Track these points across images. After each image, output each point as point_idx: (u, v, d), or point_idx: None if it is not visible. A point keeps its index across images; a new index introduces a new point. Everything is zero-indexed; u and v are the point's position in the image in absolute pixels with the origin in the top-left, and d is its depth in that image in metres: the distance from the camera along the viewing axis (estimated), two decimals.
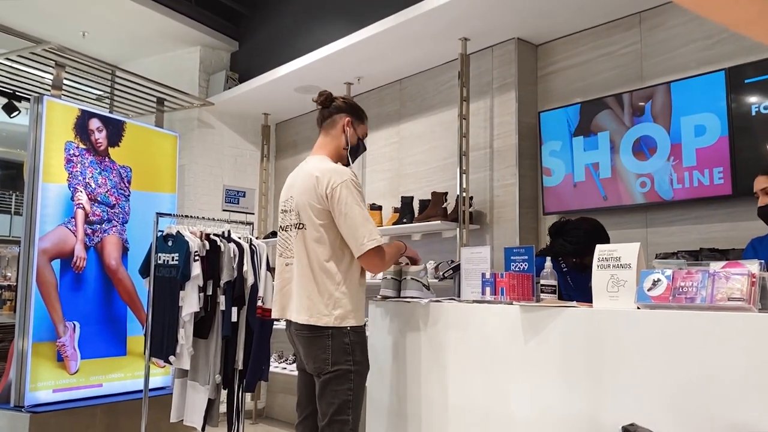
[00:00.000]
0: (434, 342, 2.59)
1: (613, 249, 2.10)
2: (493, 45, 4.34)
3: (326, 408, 2.36)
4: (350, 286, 2.40)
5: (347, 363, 2.35)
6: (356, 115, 2.59)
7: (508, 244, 3.96)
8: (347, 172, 2.42)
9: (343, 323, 2.36)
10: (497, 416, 2.31)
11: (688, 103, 3.41)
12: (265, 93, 5.50)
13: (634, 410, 1.89)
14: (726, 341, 1.73)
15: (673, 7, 3.64)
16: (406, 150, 4.97)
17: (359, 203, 2.37)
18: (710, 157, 3.31)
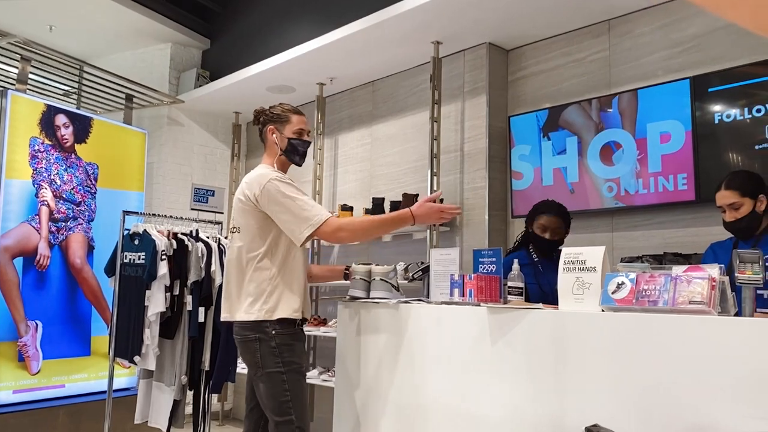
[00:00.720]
0: (402, 343, 2.59)
1: (579, 252, 2.14)
2: (465, 49, 4.37)
3: (268, 411, 2.44)
4: (274, 284, 2.43)
5: (276, 365, 2.40)
6: (278, 120, 2.62)
7: (477, 246, 3.99)
8: (273, 173, 2.48)
9: (263, 317, 2.40)
10: (464, 417, 2.32)
11: (654, 110, 3.48)
12: (237, 92, 5.45)
13: (598, 411, 1.92)
14: (687, 343, 1.77)
15: (640, 16, 3.71)
16: (378, 151, 4.98)
17: (288, 196, 2.40)
18: (675, 164, 3.38)
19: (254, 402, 2.59)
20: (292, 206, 2.40)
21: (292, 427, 2.40)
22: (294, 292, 2.49)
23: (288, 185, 2.44)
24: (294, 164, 2.65)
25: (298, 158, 2.64)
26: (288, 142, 2.60)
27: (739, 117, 3.19)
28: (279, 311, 2.43)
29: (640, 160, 3.51)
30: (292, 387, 2.42)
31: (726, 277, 1.86)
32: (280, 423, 2.40)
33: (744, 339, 1.67)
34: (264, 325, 2.42)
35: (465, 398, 2.33)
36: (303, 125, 2.64)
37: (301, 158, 2.66)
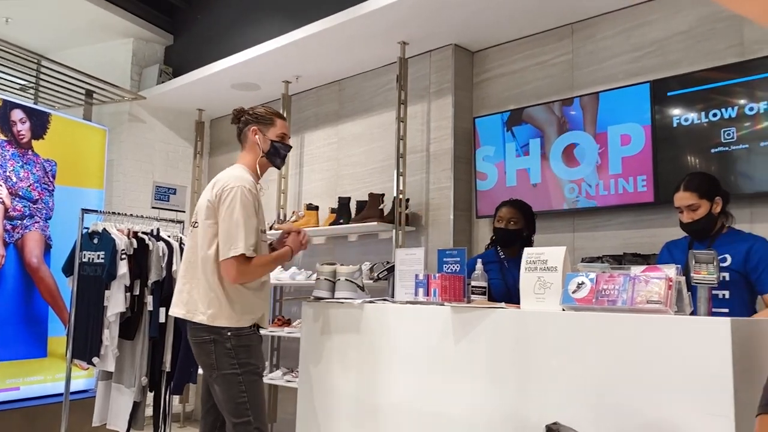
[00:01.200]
0: (367, 342, 2.59)
1: (541, 252, 2.16)
2: (431, 50, 4.39)
3: (226, 413, 2.44)
4: (231, 288, 2.43)
5: (232, 367, 2.39)
6: (262, 122, 2.62)
7: (442, 245, 4.01)
8: (247, 180, 2.48)
9: (215, 323, 2.40)
10: (428, 416, 2.33)
11: (615, 113, 3.55)
12: (200, 88, 5.37)
13: (558, 409, 1.95)
14: (644, 342, 1.81)
15: (603, 20, 3.78)
16: (344, 150, 4.97)
17: (245, 211, 2.40)
18: (634, 166, 3.46)
19: (210, 403, 2.58)
20: (240, 222, 2.38)
21: (250, 428, 2.39)
22: (252, 296, 2.48)
23: (250, 204, 2.43)
24: (274, 167, 2.69)
25: (280, 161, 2.68)
26: (271, 144, 2.62)
27: (697, 121, 3.27)
28: (236, 316, 2.42)
29: (601, 162, 3.58)
30: (249, 388, 2.41)
31: (682, 277, 1.90)
32: (238, 424, 2.39)
33: (699, 337, 1.71)
34: (219, 328, 2.40)
35: (429, 397, 2.33)
36: (286, 129, 2.69)
37: (282, 161, 2.70)
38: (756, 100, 3.08)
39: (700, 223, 2.60)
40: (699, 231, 2.63)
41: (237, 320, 2.43)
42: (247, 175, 2.53)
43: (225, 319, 2.41)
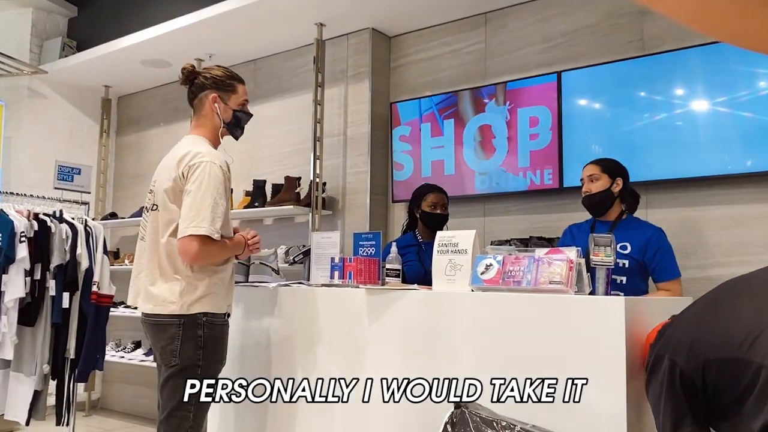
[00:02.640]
0: (282, 326, 2.59)
1: (452, 235, 2.23)
2: (349, 33, 4.38)
3: (167, 401, 2.21)
4: (202, 271, 2.22)
5: (197, 358, 2.19)
6: (222, 88, 2.37)
7: (359, 229, 4.04)
8: (221, 158, 2.25)
9: (191, 310, 2.18)
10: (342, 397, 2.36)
11: (525, 102, 3.68)
12: (107, 64, 5.12)
13: (466, 386, 2.03)
14: (547, 320, 1.91)
15: (515, 11, 3.90)
16: (260, 132, 4.89)
17: (215, 189, 2.16)
18: (542, 154, 3.60)
19: None
20: (211, 202, 2.14)
21: (185, 425, 2.18)
22: (228, 280, 2.31)
23: (222, 185, 2.20)
24: (234, 138, 2.46)
25: (239, 132, 2.45)
26: (233, 114, 2.38)
27: (600, 111, 3.44)
28: (213, 302, 2.22)
29: (511, 149, 3.70)
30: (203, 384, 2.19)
31: (582, 259, 2.01)
32: (174, 416, 2.17)
33: (597, 315, 1.83)
34: (192, 316, 2.19)
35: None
36: (246, 95, 2.44)
37: (242, 132, 2.48)
38: (654, 94, 3.27)
39: (596, 197, 2.73)
40: (595, 205, 2.76)
41: (215, 306, 2.23)
42: (214, 151, 2.29)
43: (202, 305, 2.19)
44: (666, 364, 1.49)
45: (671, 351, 1.48)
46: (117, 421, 5.11)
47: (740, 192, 3.09)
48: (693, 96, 3.17)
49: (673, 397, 1.47)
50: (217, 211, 2.15)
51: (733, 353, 1.33)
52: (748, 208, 3.07)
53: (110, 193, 5.81)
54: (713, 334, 1.40)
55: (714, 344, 1.38)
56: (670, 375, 1.47)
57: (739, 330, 1.35)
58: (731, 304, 1.44)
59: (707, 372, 1.39)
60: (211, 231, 2.12)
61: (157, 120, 5.64)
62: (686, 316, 1.55)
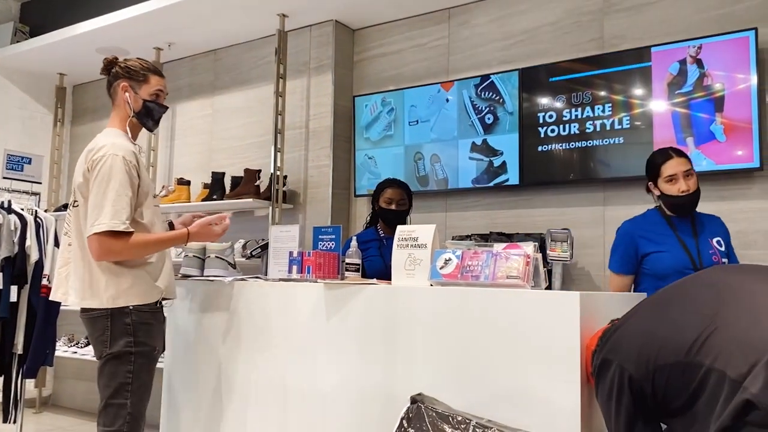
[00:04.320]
0: (238, 321, 2.54)
1: (412, 230, 2.22)
2: (312, 25, 4.33)
3: (103, 391, 2.23)
4: (124, 265, 2.21)
5: (128, 345, 2.19)
6: (134, 77, 2.35)
7: (320, 223, 4.00)
8: (122, 147, 2.22)
9: (116, 303, 2.19)
10: (299, 392, 2.33)
11: (487, 99, 3.69)
12: (62, 51, 4.96)
13: (424, 381, 2.02)
14: (504, 314, 1.91)
15: (477, 7, 3.90)
16: (220, 124, 4.80)
17: (117, 182, 2.15)
18: (505, 150, 3.61)
19: None
20: (113, 196, 2.13)
21: (122, 412, 2.18)
22: (154, 267, 2.27)
23: (125, 173, 2.17)
24: (146, 129, 2.42)
25: (152, 123, 2.41)
26: (143, 104, 2.35)
27: (561, 108, 3.47)
28: (138, 292, 2.22)
29: (473, 144, 3.71)
30: (137, 371, 2.21)
31: (539, 254, 2.02)
32: (111, 405, 2.18)
33: (553, 310, 1.83)
34: (118, 307, 2.19)
35: (300, 374, 2.34)
36: (162, 86, 2.40)
37: (155, 123, 2.43)
38: (614, 92, 3.32)
39: (697, 193, 2.44)
40: (694, 203, 2.46)
41: (142, 296, 2.22)
42: (123, 140, 2.27)
43: (127, 297, 2.19)
44: (615, 369, 1.51)
45: (620, 357, 1.50)
46: (69, 418, 4.97)
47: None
48: (650, 95, 3.22)
49: (624, 401, 1.49)
50: (119, 203, 2.14)
51: (682, 358, 1.35)
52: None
53: (64, 184, 5.64)
54: (660, 341, 1.43)
55: (662, 351, 1.41)
56: (619, 380, 1.49)
57: (685, 336, 1.37)
58: (672, 310, 1.47)
59: (657, 378, 1.41)
60: (112, 225, 2.11)
61: None
62: (632, 323, 1.57)
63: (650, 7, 3.35)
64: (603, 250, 3.30)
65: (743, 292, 1.40)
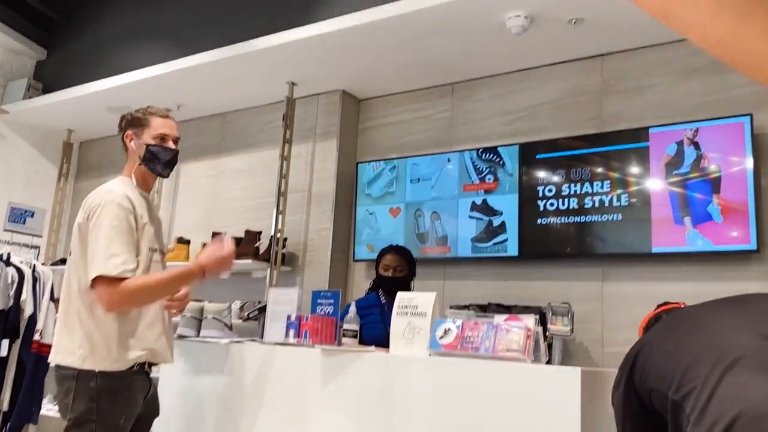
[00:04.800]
0: (233, 384, 2.50)
1: (412, 297, 2.22)
2: (320, 93, 4.45)
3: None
4: (102, 323, 2.07)
5: (89, 412, 2.01)
6: (136, 124, 2.29)
7: (318, 287, 3.98)
8: (117, 194, 2.15)
9: (84, 365, 2.04)
10: None
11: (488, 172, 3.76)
12: (72, 108, 5.07)
13: None
14: (503, 388, 1.89)
15: (480, 83, 4.03)
16: (223, 184, 4.86)
17: (113, 226, 2.06)
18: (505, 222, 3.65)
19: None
20: (105, 242, 2.04)
21: None
22: (131, 329, 2.12)
23: (119, 221, 2.07)
24: (157, 175, 2.31)
25: (161, 167, 2.28)
26: (146, 149, 2.24)
27: (559, 184, 3.54)
28: (109, 356, 2.06)
29: (473, 216, 3.75)
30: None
31: (540, 327, 2.02)
32: None
33: (553, 385, 1.82)
34: (85, 371, 2.04)
35: None
36: (167, 129, 2.28)
37: (165, 167, 2.29)
38: (611, 170, 3.39)
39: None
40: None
41: (112, 361, 2.06)
42: (120, 188, 2.20)
43: (95, 360, 2.04)
44: (627, 371, 1.48)
45: (631, 363, 1.47)
46: None
47: (695, 270, 3.17)
48: (647, 174, 3.28)
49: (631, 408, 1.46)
50: (112, 248, 2.04)
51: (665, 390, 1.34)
52: (702, 286, 3.14)
53: (63, 238, 5.64)
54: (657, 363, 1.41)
55: (653, 375, 1.39)
56: (626, 385, 1.47)
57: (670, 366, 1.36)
58: (675, 333, 1.45)
59: (652, 398, 1.39)
60: (105, 270, 1.99)
61: (118, 167, 5.51)
62: (651, 334, 1.55)
63: (648, 90, 3.46)
64: (601, 326, 3.29)
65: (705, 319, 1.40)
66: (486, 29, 3.41)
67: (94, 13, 5.25)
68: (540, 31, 3.38)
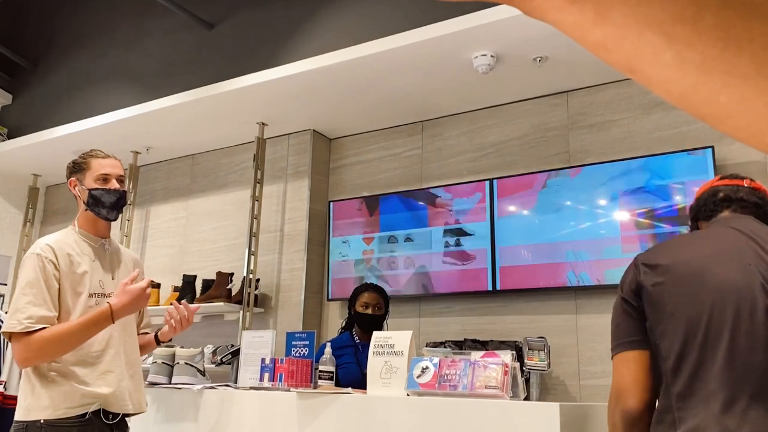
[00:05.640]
0: (206, 431, 2.43)
1: (389, 336, 2.20)
2: (290, 133, 4.47)
3: None
4: (42, 374, 2.01)
5: None
6: (76, 169, 2.21)
7: (291, 328, 3.94)
8: (40, 244, 2.10)
9: (29, 417, 1.97)
10: None
11: (460, 207, 3.79)
12: (39, 153, 5.00)
13: None
14: (483, 426, 1.87)
15: (449, 121, 4.09)
16: (193, 226, 4.80)
17: (27, 280, 2.02)
18: (475, 255, 3.67)
19: None
20: (17, 294, 2.02)
21: None
22: (76, 374, 2.02)
23: (40, 270, 2.02)
24: (103, 219, 2.18)
25: (105, 211, 2.16)
26: (89, 193, 2.14)
27: (529, 217, 3.58)
28: (51, 405, 1.97)
29: (447, 251, 3.77)
30: None
31: (517, 363, 2.02)
32: None
33: (532, 420, 1.81)
34: (31, 424, 1.97)
35: None
36: (108, 169, 2.18)
37: (111, 210, 2.17)
38: (579, 203, 3.44)
39: None
40: None
41: (54, 409, 1.97)
42: (52, 237, 2.14)
43: (39, 410, 1.97)
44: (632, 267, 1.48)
45: (642, 257, 1.48)
46: None
47: None
48: (615, 206, 3.35)
49: (624, 306, 1.47)
50: (18, 303, 1.99)
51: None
52: None
53: None
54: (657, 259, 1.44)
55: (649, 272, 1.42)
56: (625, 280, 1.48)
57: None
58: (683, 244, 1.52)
59: (643, 295, 1.41)
60: (9, 327, 1.96)
61: None
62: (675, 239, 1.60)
63: (612, 124, 3.55)
64: (576, 359, 3.30)
65: None
66: (453, 68, 3.47)
67: (60, 58, 5.23)
68: (506, 69, 3.46)
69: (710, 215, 1.54)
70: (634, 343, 1.41)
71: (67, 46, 5.21)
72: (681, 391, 1.29)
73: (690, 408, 1.26)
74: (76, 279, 2.09)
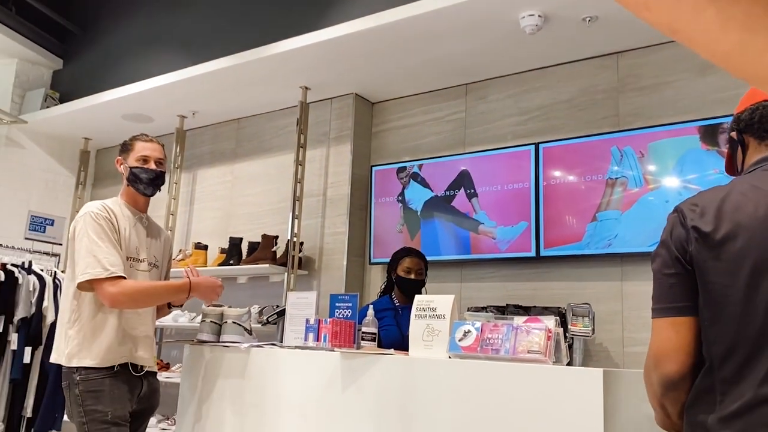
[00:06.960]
0: (252, 388, 2.51)
1: (430, 300, 2.22)
2: (333, 97, 4.46)
3: None
4: (82, 324, 2.28)
5: (79, 415, 2.22)
6: (123, 150, 2.53)
7: (334, 290, 4.00)
8: (93, 206, 2.37)
9: (71, 363, 2.23)
10: None
11: (502, 172, 3.74)
12: (89, 117, 5.13)
13: None
14: (525, 390, 1.88)
15: (494, 83, 4.02)
16: (239, 190, 4.88)
17: (91, 234, 2.26)
18: (519, 222, 3.64)
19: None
20: (90, 246, 2.24)
21: None
22: (104, 336, 2.28)
23: (99, 227, 2.28)
24: (141, 194, 2.49)
25: (143, 187, 2.47)
26: (130, 171, 2.47)
27: (575, 183, 3.51)
28: (80, 358, 2.24)
29: (488, 215, 3.74)
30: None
31: (561, 328, 2.01)
32: None
33: (574, 387, 1.80)
34: (71, 371, 2.24)
35: None
36: (147, 152, 2.49)
37: (148, 186, 2.48)
38: (628, 168, 3.36)
39: None
40: None
41: (92, 359, 2.23)
42: (103, 203, 2.40)
43: (79, 358, 2.23)
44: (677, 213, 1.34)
45: (690, 214, 1.31)
46: None
47: None
48: (665, 173, 3.25)
49: (672, 269, 1.35)
50: (103, 248, 2.24)
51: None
52: None
53: None
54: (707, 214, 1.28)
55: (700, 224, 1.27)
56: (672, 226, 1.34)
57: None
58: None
59: (695, 264, 1.27)
60: (96, 273, 2.19)
61: None
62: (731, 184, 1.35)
63: (665, 86, 3.43)
64: (621, 326, 3.26)
65: None
66: (499, 29, 3.40)
67: (109, 23, 5.31)
68: (554, 30, 3.36)
69: (766, 134, 1.34)
70: (682, 309, 1.31)
71: (115, 11, 5.28)
72: (727, 376, 1.20)
73: (734, 393, 1.18)
74: (124, 244, 2.37)
